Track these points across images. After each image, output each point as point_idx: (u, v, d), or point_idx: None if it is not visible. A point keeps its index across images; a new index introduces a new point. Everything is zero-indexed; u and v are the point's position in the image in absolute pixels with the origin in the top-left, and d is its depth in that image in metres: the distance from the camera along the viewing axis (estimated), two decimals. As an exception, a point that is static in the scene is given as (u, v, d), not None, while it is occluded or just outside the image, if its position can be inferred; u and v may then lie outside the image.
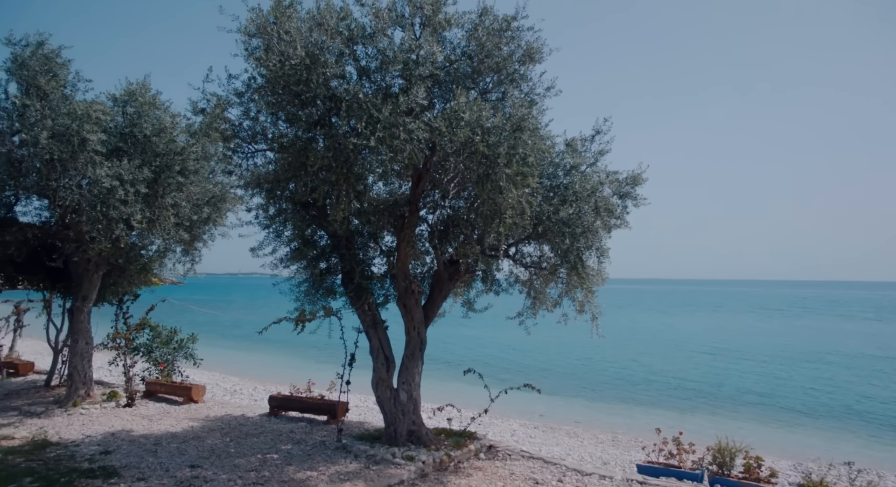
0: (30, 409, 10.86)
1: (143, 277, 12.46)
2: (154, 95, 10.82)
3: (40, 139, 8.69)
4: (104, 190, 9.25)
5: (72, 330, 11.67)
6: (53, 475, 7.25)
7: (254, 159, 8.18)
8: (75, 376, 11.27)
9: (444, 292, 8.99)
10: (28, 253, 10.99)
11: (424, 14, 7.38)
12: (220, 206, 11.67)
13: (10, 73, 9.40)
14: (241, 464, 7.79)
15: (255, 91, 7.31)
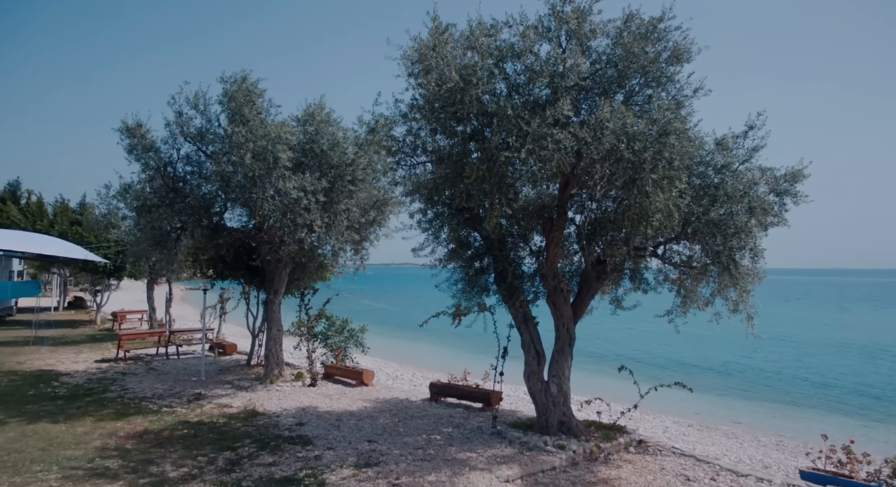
0: (239, 384, 13.02)
1: (320, 273, 14.24)
2: (328, 113, 12.34)
3: (245, 159, 10.44)
4: (291, 200, 10.84)
5: (266, 319, 13.73)
6: (265, 439, 8.83)
7: (415, 169, 9.14)
8: (270, 358, 13.27)
9: (592, 290, 9.31)
10: (234, 253, 13.15)
11: (570, 27, 7.74)
12: (383, 210, 12.97)
13: (221, 104, 11.35)
14: (410, 442, 8.82)
15: (416, 110, 8.21)
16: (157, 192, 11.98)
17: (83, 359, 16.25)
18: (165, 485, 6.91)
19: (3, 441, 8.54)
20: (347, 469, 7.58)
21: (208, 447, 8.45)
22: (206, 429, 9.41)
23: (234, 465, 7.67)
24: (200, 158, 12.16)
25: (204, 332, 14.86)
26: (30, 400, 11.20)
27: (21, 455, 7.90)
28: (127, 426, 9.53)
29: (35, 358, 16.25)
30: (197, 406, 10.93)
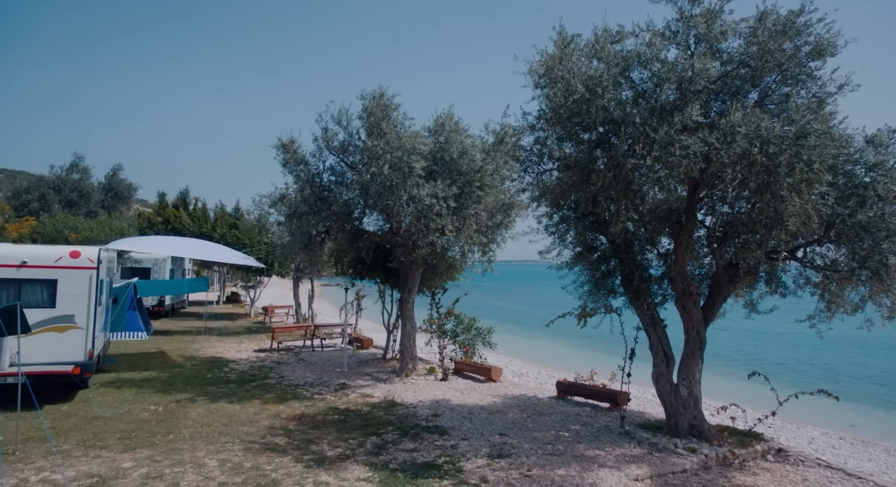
0: (378, 376, 14.17)
1: (449, 274, 15.04)
2: (456, 122, 13.04)
3: (383, 170, 11.41)
4: (425, 206, 11.66)
5: (401, 316, 14.77)
6: (405, 427, 9.69)
7: (541, 176, 9.51)
8: (405, 353, 14.27)
9: (724, 294, 9.13)
10: (373, 255, 14.33)
11: (698, 31, 7.72)
12: (509, 213, 13.46)
13: (361, 119, 12.46)
14: (539, 437, 9.24)
15: (543, 120, 8.59)
16: (305, 201, 13.38)
17: (244, 349, 18.41)
18: (325, 462, 7.91)
19: (196, 415, 10.15)
20: (482, 458, 8.17)
21: (357, 432, 9.44)
22: (353, 416, 10.47)
23: (380, 449, 8.55)
24: (343, 169, 13.38)
25: (345, 327, 16.25)
26: (209, 382, 13.05)
27: (210, 428, 9.36)
28: (287, 409, 10.85)
29: (207, 345, 18.68)
30: (343, 395, 12.12)
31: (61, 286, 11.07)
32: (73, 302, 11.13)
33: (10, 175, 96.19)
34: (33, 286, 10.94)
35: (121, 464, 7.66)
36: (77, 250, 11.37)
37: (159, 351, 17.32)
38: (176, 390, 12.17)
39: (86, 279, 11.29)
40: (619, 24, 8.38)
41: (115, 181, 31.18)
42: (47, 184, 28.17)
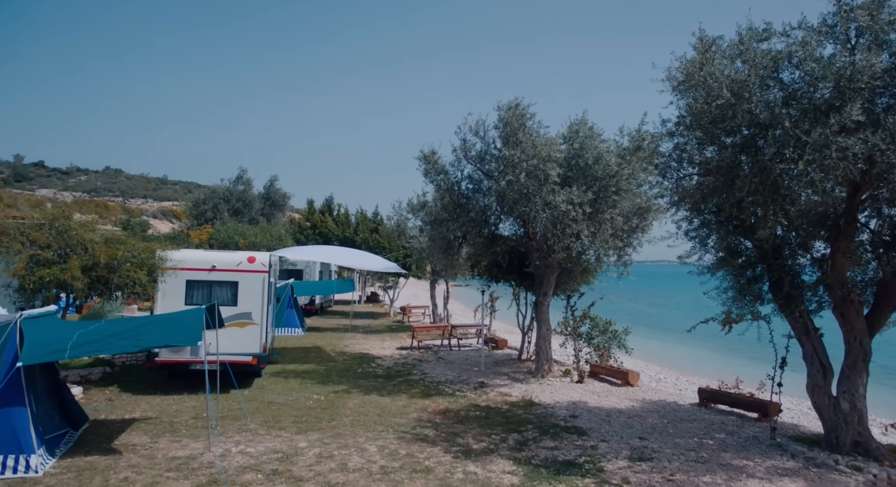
0: (514, 376, 14.66)
1: (584, 277, 15.14)
2: (591, 128, 13.16)
3: (520, 178, 11.87)
4: (560, 212, 11.95)
5: (536, 318, 15.13)
6: (544, 426, 10.07)
7: (681, 181, 9.41)
8: (540, 354, 14.61)
9: (893, 302, 8.47)
10: (508, 259, 14.85)
11: (860, 24, 7.29)
12: (646, 217, 13.30)
13: (497, 129, 13.02)
14: (681, 443, 9.17)
15: (683, 126, 8.54)
16: (445, 208, 14.20)
17: (387, 346, 19.77)
18: (472, 454, 8.52)
19: (353, 405, 11.28)
20: (622, 460, 8.33)
21: (498, 428, 9.98)
22: (493, 413, 11.03)
23: (522, 445, 9.01)
24: (480, 177, 14.03)
25: (482, 328, 16.89)
26: (360, 376, 14.31)
27: (367, 418, 10.40)
28: (432, 404, 11.66)
29: (354, 342, 20.31)
30: (482, 393, 12.73)
31: (241, 287, 12.79)
32: (251, 301, 12.80)
33: (184, 186, 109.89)
34: (220, 287, 12.75)
35: (297, 444, 8.82)
36: (253, 256, 13.06)
37: (314, 346, 19.15)
38: (333, 382, 13.51)
39: (260, 281, 12.93)
40: (765, 22, 8.11)
41: (272, 190, 34.68)
42: (218, 195, 32.09)
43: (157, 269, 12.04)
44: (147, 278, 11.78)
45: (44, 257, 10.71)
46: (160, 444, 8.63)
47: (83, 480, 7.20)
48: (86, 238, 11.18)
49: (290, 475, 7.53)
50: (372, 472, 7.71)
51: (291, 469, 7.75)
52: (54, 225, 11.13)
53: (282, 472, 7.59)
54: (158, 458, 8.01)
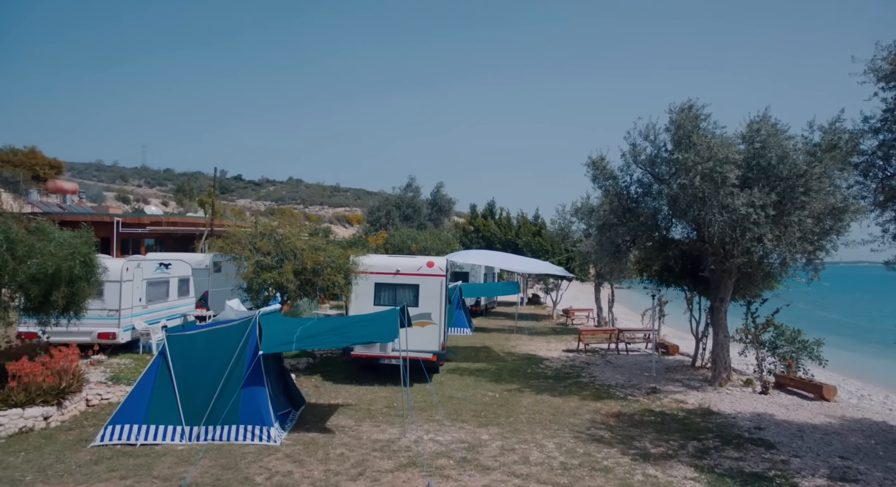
0: (688, 383, 14.23)
1: (766, 282, 14.21)
2: (774, 125, 12.37)
3: (694, 182, 11.57)
4: (739, 215, 11.44)
5: (712, 324, 14.51)
6: (726, 436, 9.79)
7: (888, 180, 8.63)
8: (717, 362, 14.00)
9: None
10: (681, 263, 14.44)
11: None
12: (842, 218, 12.15)
13: (668, 132, 12.79)
14: (894, 468, 8.39)
15: (893, 121, 7.86)
16: (614, 212, 14.21)
17: (553, 348, 20.09)
18: (650, 458, 8.61)
19: (527, 404, 11.86)
20: (820, 479, 7.89)
21: (676, 434, 9.90)
22: (669, 419, 10.91)
23: (703, 453, 8.89)
24: (650, 181, 13.83)
25: (652, 333, 16.55)
26: (530, 376, 14.85)
27: (541, 416, 10.89)
28: (604, 406, 11.82)
29: (520, 343, 20.92)
30: (656, 399, 12.58)
31: (422, 289, 13.98)
32: (430, 302, 13.94)
33: (354, 193, 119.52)
34: (404, 289, 14.07)
35: (480, 436, 9.57)
36: (432, 260, 14.21)
37: (483, 345, 20.08)
38: (505, 381, 14.19)
39: (438, 284, 14.04)
40: None
41: (439, 196, 36.69)
42: (391, 202, 34.76)
43: (351, 273, 13.63)
44: (343, 281, 13.40)
45: (266, 263, 12.71)
46: (363, 428, 9.88)
47: (309, 451, 8.57)
48: (296, 246, 13.05)
49: (477, 463, 8.26)
50: (553, 467, 8.18)
51: (478, 458, 8.49)
52: (272, 235, 13.15)
53: (470, 460, 8.36)
54: (364, 439, 9.22)
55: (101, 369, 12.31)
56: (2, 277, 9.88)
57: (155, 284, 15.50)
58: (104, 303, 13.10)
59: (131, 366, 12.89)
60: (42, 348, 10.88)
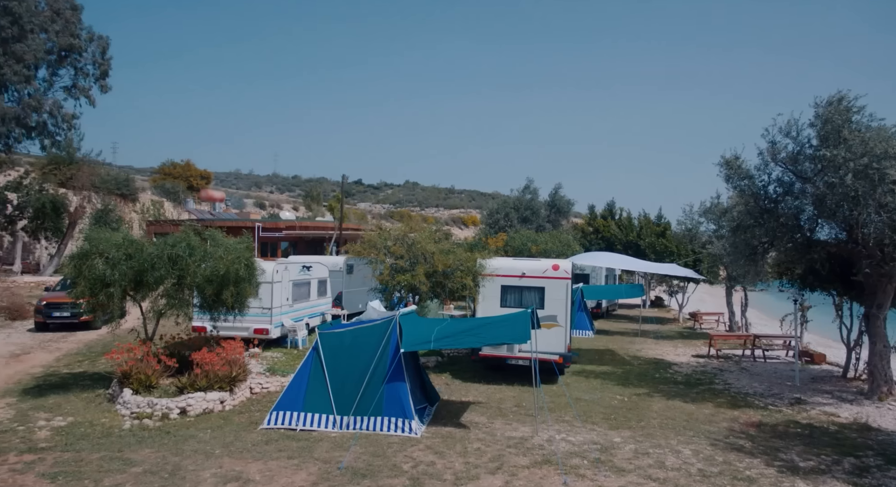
0: (840, 395, 13.22)
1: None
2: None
3: (845, 180, 10.81)
4: (901, 214, 10.50)
5: (868, 333, 13.36)
6: (890, 454, 9.10)
7: None
8: (876, 374, 12.87)
9: None
10: (829, 266, 13.45)
11: None
12: None
13: (813, 127, 12.01)
14: None
15: None
16: (749, 213, 13.54)
17: (681, 353, 19.40)
18: (799, 472, 8.25)
19: (658, 408, 11.70)
20: None
21: (828, 449, 9.34)
22: (818, 432, 10.29)
23: (862, 471, 8.35)
24: (791, 179, 13.03)
25: (794, 340, 15.51)
26: (659, 381, 14.54)
27: (674, 422, 10.72)
28: (742, 415, 11.36)
29: (645, 347, 20.40)
30: (801, 410, 11.86)
31: (547, 292, 14.18)
32: (556, 304, 14.10)
33: (468, 195, 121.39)
34: (529, 291, 14.35)
35: (611, 438, 9.64)
36: (557, 264, 14.38)
37: (607, 348, 19.83)
38: (632, 385, 14.02)
39: (564, 287, 14.17)
40: None
41: (557, 198, 36.52)
42: (509, 204, 35.14)
43: (479, 276, 14.14)
44: (472, 283, 13.94)
45: (399, 265, 13.57)
46: (496, 425, 10.31)
47: (448, 444, 9.13)
48: (427, 249, 13.79)
49: (612, 464, 8.38)
50: (691, 473, 8.10)
51: (612, 459, 8.59)
52: (404, 239, 14.00)
53: (604, 461, 8.49)
54: (498, 436, 9.64)
55: (258, 361, 13.77)
56: (185, 278, 11.46)
57: (299, 285, 17.01)
58: (260, 302, 14.62)
59: (283, 360, 14.30)
60: (214, 341, 12.43)
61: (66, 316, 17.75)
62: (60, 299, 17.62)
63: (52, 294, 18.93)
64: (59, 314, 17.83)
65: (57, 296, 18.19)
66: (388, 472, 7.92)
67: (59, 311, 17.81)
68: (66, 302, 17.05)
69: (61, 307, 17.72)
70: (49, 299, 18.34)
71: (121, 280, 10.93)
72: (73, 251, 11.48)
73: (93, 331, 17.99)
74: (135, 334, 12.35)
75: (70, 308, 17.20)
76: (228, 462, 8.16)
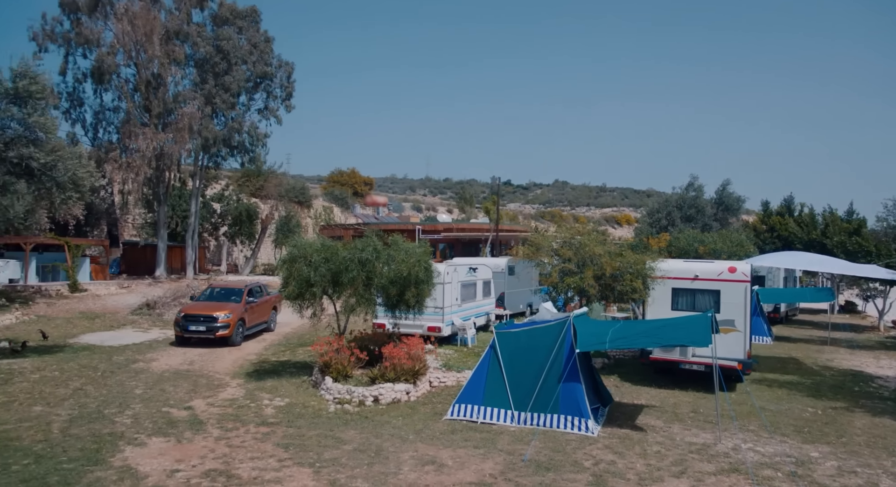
0: None
1: None
2: None
3: None
4: None
5: None
6: None
7: None
8: None
9: None
10: None
11: None
12: None
13: None
14: None
15: None
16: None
17: (885, 365, 17.23)
18: None
19: (861, 425, 10.68)
20: None
21: None
22: None
23: None
24: None
25: None
26: (860, 395, 13.17)
27: (884, 441, 9.74)
28: (970, 439, 9.97)
29: (837, 357, 18.44)
30: None
31: (723, 295, 13.53)
32: (733, 309, 13.41)
33: (621, 193, 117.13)
34: (703, 295, 13.80)
35: (807, 452, 9.05)
36: (734, 266, 13.66)
37: (790, 357, 18.26)
38: (826, 397, 12.87)
39: (742, 290, 13.42)
40: None
41: (725, 195, 34.12)
42: (671, 202, 33.53)
43: (648, 278, 13.90)
44: (642, 286, 13.75)
45: (567, 268, 13.79)
46: (674, 429, 10.15)
47: (626, 445, 9.21)
48: (595, 252, 13.86)
49: (812, 480, 7.92)
50: (909, 498, 7.41)
51: (811, 474, 8.12)
52: (572, 242, 14.19)
53: (802, 476, 8.04)
54: (677, 440, 9.51)
55: (435, 357, 14.79)
56: (372, 280, 12.73)
57: (466, 286, 17.89)
58: (434, 301, 15.68)
59: (455, 357, 15.20)
60: (396, 337, 13.62)
61: (202, 330, 16.22)
62: (199, 310, 16.72)
63: (194, 304, 17.56)
64: (195, 328, 16.25)
65: (197, 307, 17.08)
66: (570, 467, 8.24)
67: (195, 325, 16.28)
68: (204, 314, 16.43)
69: (197, 320, 16.37)
70: (189, 310, 16.85)
71: (321, 280, 12.46)
72: (284, 255, 13.26)
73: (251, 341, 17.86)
74: (329, 329, 13.95)
75: (205, 321, 16.25)
76: (422, 447, 9.01)
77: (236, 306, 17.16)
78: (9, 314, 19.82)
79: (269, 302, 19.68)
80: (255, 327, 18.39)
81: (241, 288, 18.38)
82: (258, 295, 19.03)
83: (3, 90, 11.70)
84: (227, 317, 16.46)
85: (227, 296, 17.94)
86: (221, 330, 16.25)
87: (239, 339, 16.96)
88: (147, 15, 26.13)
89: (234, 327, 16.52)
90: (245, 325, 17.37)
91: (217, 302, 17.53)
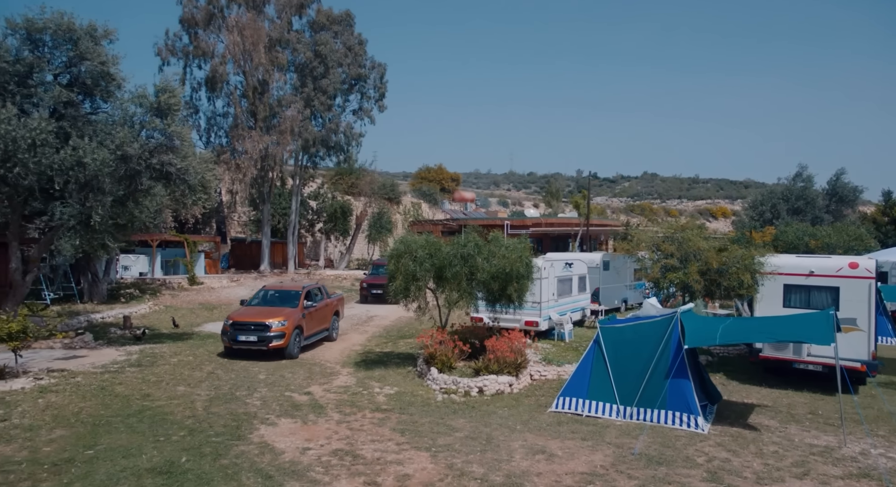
0: None
1: None
2: None
3: None
4: None
5: None
6: None
7: None
8: None
9: None
10: None
11: None
12: None
13: None
14: None
15: None
16: None
17: None
18: None
19: None
20: None
21: None
22: None
23: None
24: None
25: None
26: None
27: None
28: None
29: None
30: None
31: (843, 292, 12.80)
32: (854, 307, 12.65)
33: (715, 184, 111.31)
34: (819, 292, 13.11)
35: (945, 461, 8.48)
36: (856, 261, 12.89)
37: (917, 359, 16.92)
38: (965, 404, 11.89)
39: (865, 287, 12.64)
40: None
41: (839, 186, 31.78)
42: (777, 194, 31.63)
43: (757, 273, 13.39)
44: (751, 281, 13.27)
45: (670, 264, 13.54)
46: (790, 430, 9.81)
47: (740, 444, 9.04)
48: (699, 247, 13.51)
49: (951, 488, 7.46)
50: None
51: (953, 484, 7.64)
52: (675, 237, 13.90)
53: (941, 485, 7.59)
54: (796, 442, 9.20)
55: (535, 351, 14.98)
56: (475, 275, 13.11)
57: (562, 281, 17.92)
58: (532, 296, 15.86)
59: (554, 351, 15.30)
60: (496, 330, 13.94)
61: (253, 340, 13.92)
62: (250, 317, 14.33)
63: (244, 310, 15.18)
64: (245, 338, 13.94)
65: (247, 313, 14.68)
66: (682, 463, 8.21)
67: (245, 334, 13.97)
68: (255, 321, 14.04)
69: (248, 328, 14.05)
70: (238, 316, 14.46)
71: (425, 275, 12.98)
72: (390, 251, 13.91)
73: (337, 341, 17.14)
74: (432, 321, 14.48)
75: (256, 330, 13.96)
76: (530, 436, 9.27)
77: (293, 311, 14.76)
78: (143, 304, 22.10)
79: (331, 307, 17.15)
80: (314, 335, 15.92)
81: (297, 291, 15.87)
82: (317, 298, 16.53)
83: (148, 104, 13.17)
84: (281, 325, 14.04)
85: (282, 300, 15.51)
86: (276, 340, 13.89)
87: (296, 351, 14.53)
88: (254, 25, 27.95)
89: (290, 336, 14.13)
90: (303, 334, 14.96)
91: (270, 307, 15.14)
